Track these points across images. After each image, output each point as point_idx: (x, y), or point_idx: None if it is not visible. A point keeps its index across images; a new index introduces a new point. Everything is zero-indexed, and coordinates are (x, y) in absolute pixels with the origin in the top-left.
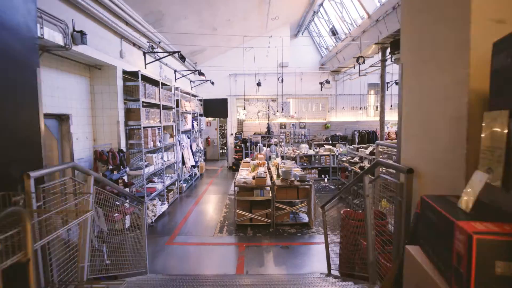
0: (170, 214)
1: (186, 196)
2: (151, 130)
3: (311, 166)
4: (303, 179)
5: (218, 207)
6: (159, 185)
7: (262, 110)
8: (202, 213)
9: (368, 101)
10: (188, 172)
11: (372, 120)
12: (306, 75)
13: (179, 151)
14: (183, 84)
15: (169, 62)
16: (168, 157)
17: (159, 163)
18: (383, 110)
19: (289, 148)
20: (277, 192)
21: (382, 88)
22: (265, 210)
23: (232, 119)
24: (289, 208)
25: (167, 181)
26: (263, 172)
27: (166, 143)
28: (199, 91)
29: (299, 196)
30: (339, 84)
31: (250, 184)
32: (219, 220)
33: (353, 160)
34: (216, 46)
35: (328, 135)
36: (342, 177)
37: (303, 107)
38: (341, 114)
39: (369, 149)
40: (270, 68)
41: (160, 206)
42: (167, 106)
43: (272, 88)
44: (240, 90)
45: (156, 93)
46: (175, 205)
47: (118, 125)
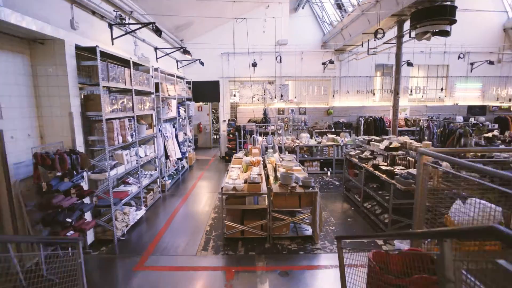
0: (148, 221)
1: (170, 196)
2: (119, 122)
3: (313, 158)
4: (307, 184)
5: (205, 210)
6: (134, 187)
7: (258, 94)
8: (186, 219)
9: (375, 84)
10: (174, 167)
11: (379, 105)
12: (307, 54)
13: (161, 143)
14: (167, 65)
15: (147, 38)
16: (146, 152)
17: (132, 161)
18: (397, 95)
19: (288, 138)
20: (275, 199)
21: (397, 70)
22: (260, 221)
23: (225, 104)
24: (289, 219)
25: (145, 181)
26: (257, 175)
27: (143, 135)
28: (187, 72)
29: (302, 204)
30: (343, 65)
31: (241, 191)
32: (205, 230)
33: (364, 156)
34: (204, 17)
35: (331, 122)
36: (350, 174)
37: (304, 91)
38: (345, 98)
39: (384, 143)
40: (267, 47)
41: (135, 213)
42: (144, 91)
43: (269, 69)
44: (233, 72)
45: (126, 75)
46: (155, 208)
47: (71, 117)
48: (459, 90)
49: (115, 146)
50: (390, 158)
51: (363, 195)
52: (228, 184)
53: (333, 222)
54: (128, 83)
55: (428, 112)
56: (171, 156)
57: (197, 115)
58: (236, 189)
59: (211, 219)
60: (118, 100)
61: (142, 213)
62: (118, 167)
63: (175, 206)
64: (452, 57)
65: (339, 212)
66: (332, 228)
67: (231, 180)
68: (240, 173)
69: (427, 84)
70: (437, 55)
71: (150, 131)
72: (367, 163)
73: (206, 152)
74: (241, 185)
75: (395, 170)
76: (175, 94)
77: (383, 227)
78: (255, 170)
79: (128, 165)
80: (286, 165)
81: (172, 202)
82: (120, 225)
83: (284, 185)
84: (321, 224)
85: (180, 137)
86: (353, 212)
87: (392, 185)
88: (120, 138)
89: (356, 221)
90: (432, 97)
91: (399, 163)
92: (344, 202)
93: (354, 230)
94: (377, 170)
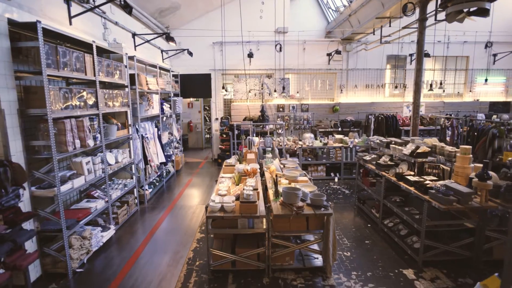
0: (119, 243)
1: (151, 208)
2: (76, 122)
3: (318, 162)
4: (318, 203)
5: (190, 229)
6: (99, 202)
7: (255, 89)
8: (165, 241)
9: (384, 78)
10: (156, 173)
11: (390, 101)
12: (310, 44)
13: (139, 146)
14: (150, 55)
15: (122, 21)
16: (117, 157)
17: (97, 170)
18: (419, 89)
19: (289, 138)
20: (276, 222)
21: (418, 59)
22: (256, 249)
23: (217, 100)
24: (293, 246)
25: (116, 192)
26: (252, 190)
27: (113, 138)
28: (174, 65)
29: (310, 227)
30: (351, 56)
31: (231, 212)
32: (187, 258)
33: (382, 162)
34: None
35: (337, 120)
36: (364, 183)
37: (306, 85)
38: (353, 93)
39: (409, 148)
40: (264, 35)
41: (101, 235)
42: (116, 84)
43: (267, 60)
44: (227, 63)
45: (87, 62)
46: (130, 225)
47: (2, 116)
48: (480, 85)
49: (69, 152)
50: (418, 166)
51: (382, 209)
52: (214, 203)
53: (347, 245)
54: (90, 72)
55: (445, 109)
56: (152, 160)
57: (187, 113)
58: (225, 209)
59: (196, 242)
60: (75, 93)
61: (111, 234)
62: (75, 179)
63: (154, 223)
64: (473, 48)
65: (352, 231)
66: (347, 255)
67: (218, 197)
68: (231, 185)
69: (444, 77)
70: (456, 46)
71: (124, 132)
72: (388, 171)
73: (197, 154)
74: (231, 205)
75: (427, 182)
76: (157, 88)
77: (412, 254)
78: (250, 183)
79: (90, 176)
80: (289, 175)
81: (151, 217)
82: (77, 254)
83: (287, 205)
84: (335, 252)
85: (164, 138)
86: (370, 231)
87: (425, 202)
88: (78, 142)
89: (375, 244)
90: (450, 93)
91: (428, 172)
92: (358, 217)
93: (375, 257)
94: (402, 181)
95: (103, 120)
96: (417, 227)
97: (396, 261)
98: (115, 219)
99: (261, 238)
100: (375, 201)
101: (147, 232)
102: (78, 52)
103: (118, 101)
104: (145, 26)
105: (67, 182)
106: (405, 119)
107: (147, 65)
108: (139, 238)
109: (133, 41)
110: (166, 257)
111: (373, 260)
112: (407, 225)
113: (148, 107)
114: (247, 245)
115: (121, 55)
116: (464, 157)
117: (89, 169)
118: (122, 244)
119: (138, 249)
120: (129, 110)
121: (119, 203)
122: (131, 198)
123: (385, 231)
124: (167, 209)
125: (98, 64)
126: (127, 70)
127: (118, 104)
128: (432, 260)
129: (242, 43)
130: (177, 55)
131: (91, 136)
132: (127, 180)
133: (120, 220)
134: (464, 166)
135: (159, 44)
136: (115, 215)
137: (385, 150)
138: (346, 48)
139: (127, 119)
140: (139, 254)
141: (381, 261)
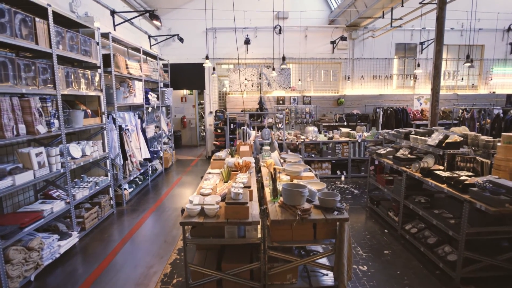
0: (83, 253)
1: (130, 211)
2: (17, 102)
3: (322, 159)
4: (329, 205)
5: (171, 236)
6: (58, 203)
7: (252, 79)
8: (139, 251)
9: (393, 69)
10: (138, 170)
11: (400, 93)
12: (312, 31)
13: (116, 139)
14: (135, 40)
15: None
16: (85, 150)
17: (54, 164)
18: (439, 73)
19: (290, 133)
20: (274, 229)
21: (438, 39)
22: (248, 265)
23: (211, 92)
24: (297, 261)
25: (83, 192)
26: (243, 188)
27: (78, 126)
28: (164, 53)
29: (318, 235)
30: (357, 44)
31: (214, 217)
32: (162, 274)
33: (401, 155)
34: None
35: (342, 114)
36: (379, 182)
37: (308, 76)
38: (359, 85)
39: (435, 137)
40: (263, 21)
41: (57, 244)
42: (86, 64)
43: (265, 48)
44: (222, 52)
45: (39, 29)
46: (101, 231)
47: None
48: (496, 76)
49: (7, 139)
50: (448, 159)
51: (402, 212)
52: (192, 205)
53: (362, 257)
54: (45, 43)
55: (459, 102)
56: (133, 156)
57: (180, 107)
58: (206, 214)
59: (177, 252)
60: (18, 65)
61: (73, 242)
62: (18, 174)
63: (130, 228)
64: (489, 36)
65: (367, 238)
66: (363, 269)
67: (198, 198)
68: (219, 182)
69: (457, 68)
70: (470, 34)
71: (95, 121)
72: (408, 166)
73: (191, 151)
74: (214, 208)
75: (463, 178)
76: (140, 74)
77: (445, 268)
78: (241, 179)
79: (43, 171)
80: (291, 170)
81: (128, 221)
82: (19, 270)
83: (289, 207)
84: (350, 268)
85: (150, 131)
86: (389, 239)
87: (466, 204)
88: (23, 127)
89: (397, 255)
90: (463, 85)
91: (461, 166)
92: (371, 221)
93: (399, 273)
94: (430, 177)
95: (66, 104)
96: (452, 235)
97: (426, 278)
98: (81, 224)
99: (255, 250)
100: (391, 202)
101: (118, 240)
102: (24, 15)
103: (87, 83)
104: (126, 4)
105: (5, 178)
106: (416, 112)
107: (129, 48)
108: (108, 247)
109: (112, 19)
110: (136, 273)
111: (397, 277)
112: (436, 232)
113: (128, 95)
114: (237, 259)
115: (92, 30)
116: (508, 147)
117: (41, 162)
118: (86, 255)
119: (104, 262)
120: (102, 95)
121: (90, 204)
122: (104, 198)
123: (406, 238)
124: (148, 212)
125: (57, 35)
126: (99, 48)
127: (84, 86)
128: (472, 276)
129: (235, 31)
130: (167, 43)
131: (43, 121)
132: (100, 178)
133: (88, 225)
134: (508, 158)
135: (146, 28)
136: (80, 219)
137: (403, 142)
138: (351, 35)
139: (99, 106)
140: (103, 268)
141: (407, 278)
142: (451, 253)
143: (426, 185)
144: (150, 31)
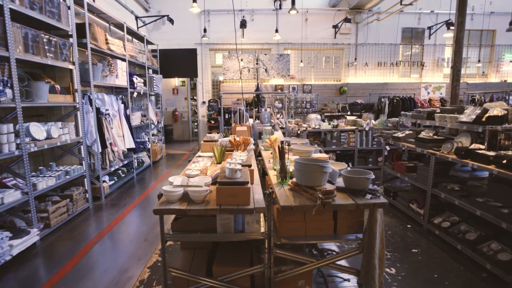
0: (43, 253)
1: (109, 205)
2: None
3: (326, 149)
4: (359, 186)
5: (152, 235)
6: (9, 194)
7: (249, 66)
8: (110, 255)
9: (399, 55)
10: (121, 161)
11: (406, 82)
12: (313, 14)
13: (92, 123)
14: (119, 18)
15: None
16: (52, 131)
17: (4, 144)
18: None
19: (290, 121)
20: (281, 220)
21: (460, 9)
22: (249, 269)
23: (204, 81)
24: (312, 262)
25: (44, 182)
26: (241, 165)
27: (41, 101)
28: (153, 38)
29: (339, 229)
30: (360, 29)
31: (203, 204)
32: (138, 281)
33: (426, 136)
34: None
35: (345, 103)
36: (397, 170)
37: (309, 63)
38: (363, 72)
39: (470, 112)
40: (260, 2)
41: (9, 243)
42: (56, 31)
43: (263, 33)
44: (216, 37)
45: None
46: (70, 229)
47: None
48: (508, 64)
49: None
50: (489, 136)
51: (430, 203)
52: (171, 187)
53: (387, 257)
54: None
55: (468, 91)
56: (114, 144)
57: (171, 100)
58: (192, 199)
59: (158, 254)
60: None
61: (33, 241)
62: None
63: (106, 225)
64: (501, 20)
65: (388, 234)
66: (390, 272)
67: (181, 179)
68: (210, 164)
69: (467, 54)
70: (481, 18)
71: (65, 98)
72: (438, 147)
73: (182, 146)
74: (202, 190)
75: None
76: (124, 53)
77: (494, 270)
78: (239, 157)
79: None
80: (300, 149)
81: (105, 217)
82: None
83: (305, 189)
84: (382, 271)
85: (135, 119)
86: (414, 235)
87: None
88: None
89: (428, 254)
90: (473, 73)
91: (505, 145)
92: (388, 215)
93: (436, 276)
94: (470, 158)
95: (28, 76)
96: (507, 228)
97: (471, 283)
98: (44, 219)
99: (257, 249)
100: (412, 193)
101: (90, 239)
102: None
103: (54, 52)
104: None
105: None
106: (423, 102)
107: (112, 24)
108: (76, 247)
109: None
110: (105, 279)
111: (434, 281)
112: (475, 226)
113: (108, 73)
114: (233, 261)
115: None
116: None
117: None
118: (47, 257)
119: (67, 266)
120: (75, 69)
121: (59, 197)
122: (78, 191)
123: (436, 234)
124: (129, 207)
125: None
126: (71, 13)
127: (54, 56)
128: None
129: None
130: (156, 26)
131: None
132: (72, 167)
133: (53, 222)
134: None
135: (133, 8)
136: (44, 214)
137: (425, 122)
138: (355, 19)
139: (72, 82)
140: (66, 272)
141: (448, 282)
142: (502, 251)
143: (454, 172)
144: (137, 11)
